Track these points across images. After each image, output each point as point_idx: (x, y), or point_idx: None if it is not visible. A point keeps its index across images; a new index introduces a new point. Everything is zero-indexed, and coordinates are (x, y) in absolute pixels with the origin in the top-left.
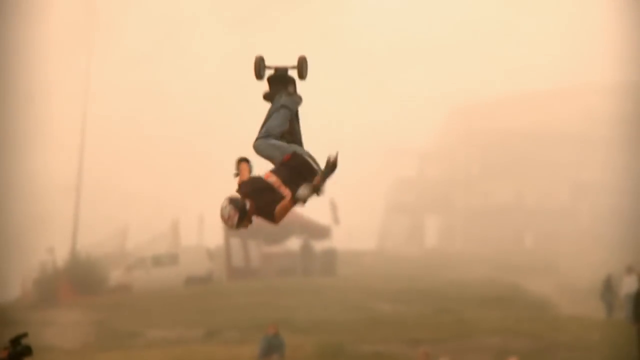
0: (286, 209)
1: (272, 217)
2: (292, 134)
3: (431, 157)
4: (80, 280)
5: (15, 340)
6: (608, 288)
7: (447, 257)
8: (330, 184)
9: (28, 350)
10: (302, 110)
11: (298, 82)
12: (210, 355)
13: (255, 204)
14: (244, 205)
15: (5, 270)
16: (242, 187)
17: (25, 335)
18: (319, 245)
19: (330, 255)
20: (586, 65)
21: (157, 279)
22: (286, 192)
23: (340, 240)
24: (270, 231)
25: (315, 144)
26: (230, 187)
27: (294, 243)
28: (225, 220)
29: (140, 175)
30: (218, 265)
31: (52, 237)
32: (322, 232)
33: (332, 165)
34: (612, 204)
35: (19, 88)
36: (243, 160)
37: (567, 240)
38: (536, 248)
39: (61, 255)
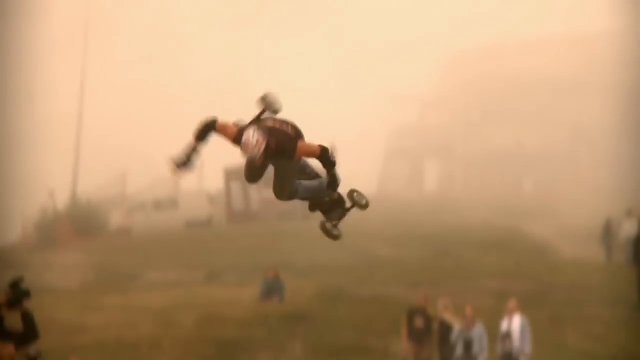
0: (309, 151)
1: (293, 151)
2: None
3: (431, 103)
4: (80, 223)
5: (15, 285)
6: (608, 232)
7: (447, 202)
8: (331, 130)
9: (27, 294)
10: (305, 60)
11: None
12: (210, 297)
13: (275, 139)
14: (269, 135)
15: (7, 213)
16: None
17: (21, 279)
18: None
19: None
20: (586, 12)
21: (158, 222)
22: (291, 130)
23: (341, 185)
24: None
25: (318, 93)
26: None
27: None
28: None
29: (140, 119)
30: (218, 209)
31: (53, 181)
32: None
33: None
34: (612, 149)
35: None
36: (215, 121)
37: (567, 185)
38: (536, 193)
39: (62, 199)
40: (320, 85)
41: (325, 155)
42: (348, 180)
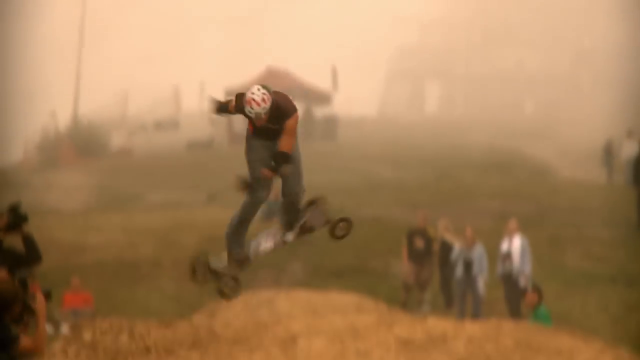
0: (294, 134)
1: (291, 113)
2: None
3: (432, 24)
4: (82, 144)
5: (13, 209)
6: (608, 152)
7: (447, 124)
8: (332, 51)
9: (25, 218)
10: None
11: None
12: (210, 218)
13: (277, 100)
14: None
15: (8, 133)
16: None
17: (19, 204)
18: (320, 111)
19: (331, 122)
20: None
21: (159, 143)
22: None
23: (342, 106)
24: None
25: (317, 16)
26: (230, 54)
27: None
28: (258, 102)
29: (141, 39)
30: (219, 130)
31: (54, 101)
32: (323, 98)
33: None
34: (613, 70)
35: None
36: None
37: (568, 106)
38: (536, 114)
39: (63, 120)
40: (320, 8)
41: (287, 154)
42: (349, 98)
